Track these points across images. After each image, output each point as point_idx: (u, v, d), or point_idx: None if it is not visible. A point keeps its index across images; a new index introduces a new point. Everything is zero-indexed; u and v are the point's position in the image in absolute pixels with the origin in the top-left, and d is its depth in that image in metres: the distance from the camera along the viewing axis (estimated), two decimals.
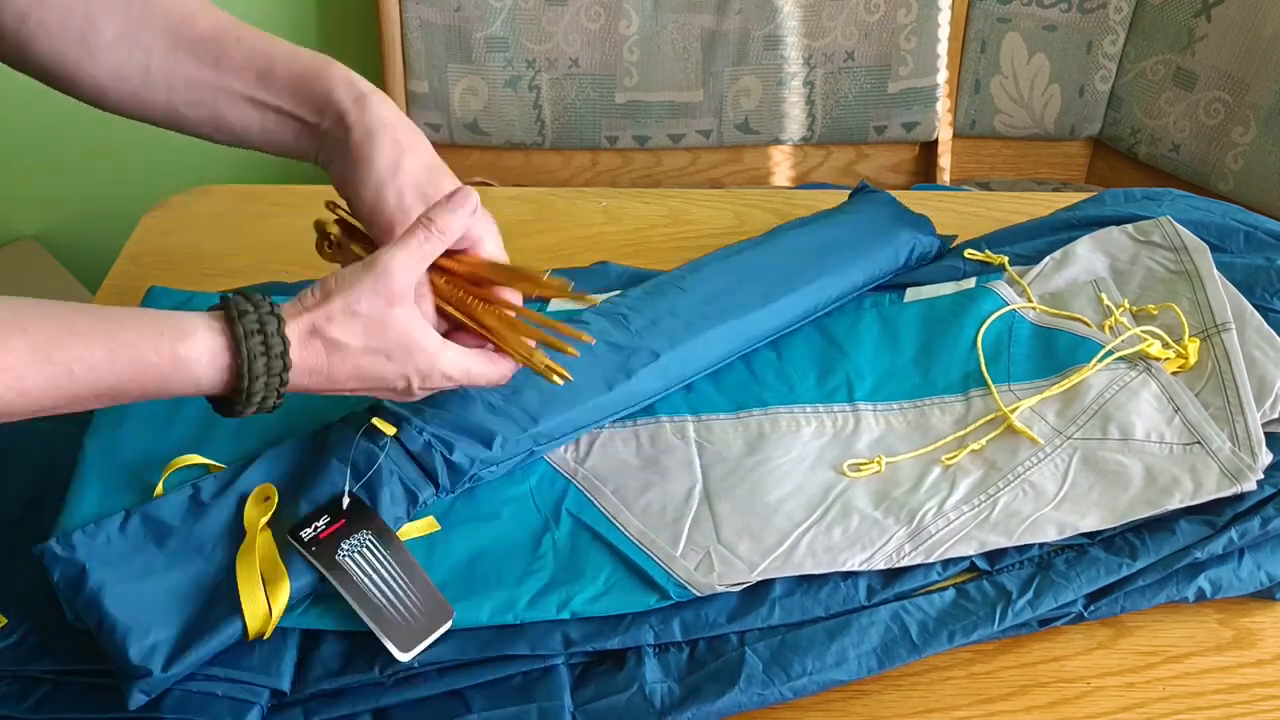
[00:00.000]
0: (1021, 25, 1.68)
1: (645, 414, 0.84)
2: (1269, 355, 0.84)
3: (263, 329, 0.63)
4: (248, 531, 0.69)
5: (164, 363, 0.61)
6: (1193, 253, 0.93)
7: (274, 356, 0.63)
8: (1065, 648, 0.73)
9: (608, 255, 1.02)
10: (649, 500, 0.78)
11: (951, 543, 0.74)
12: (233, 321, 0.63)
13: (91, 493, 0.73)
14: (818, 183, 1.75)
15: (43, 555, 0.67)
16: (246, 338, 0.62)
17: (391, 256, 0.66)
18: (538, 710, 0.66)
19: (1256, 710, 0.70)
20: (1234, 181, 1.62)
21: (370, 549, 0.70)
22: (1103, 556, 0.74)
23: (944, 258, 1.00)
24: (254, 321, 0.63)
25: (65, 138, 1.73)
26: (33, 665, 0.67)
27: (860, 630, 0.70)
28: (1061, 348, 0.88)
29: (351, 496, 0.71)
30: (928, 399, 0.85)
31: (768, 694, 0.68)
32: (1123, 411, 0.82)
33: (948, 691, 0.70)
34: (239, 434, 0.78)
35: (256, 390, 0.64)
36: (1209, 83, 1.61)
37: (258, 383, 0.63)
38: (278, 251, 1.06)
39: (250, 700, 0.65)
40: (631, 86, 1.62)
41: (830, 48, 1.63)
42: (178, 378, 0.62)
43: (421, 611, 0.68)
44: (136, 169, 1.79)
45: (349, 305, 0.65)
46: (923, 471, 0.79)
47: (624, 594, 0.71)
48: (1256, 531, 0.75)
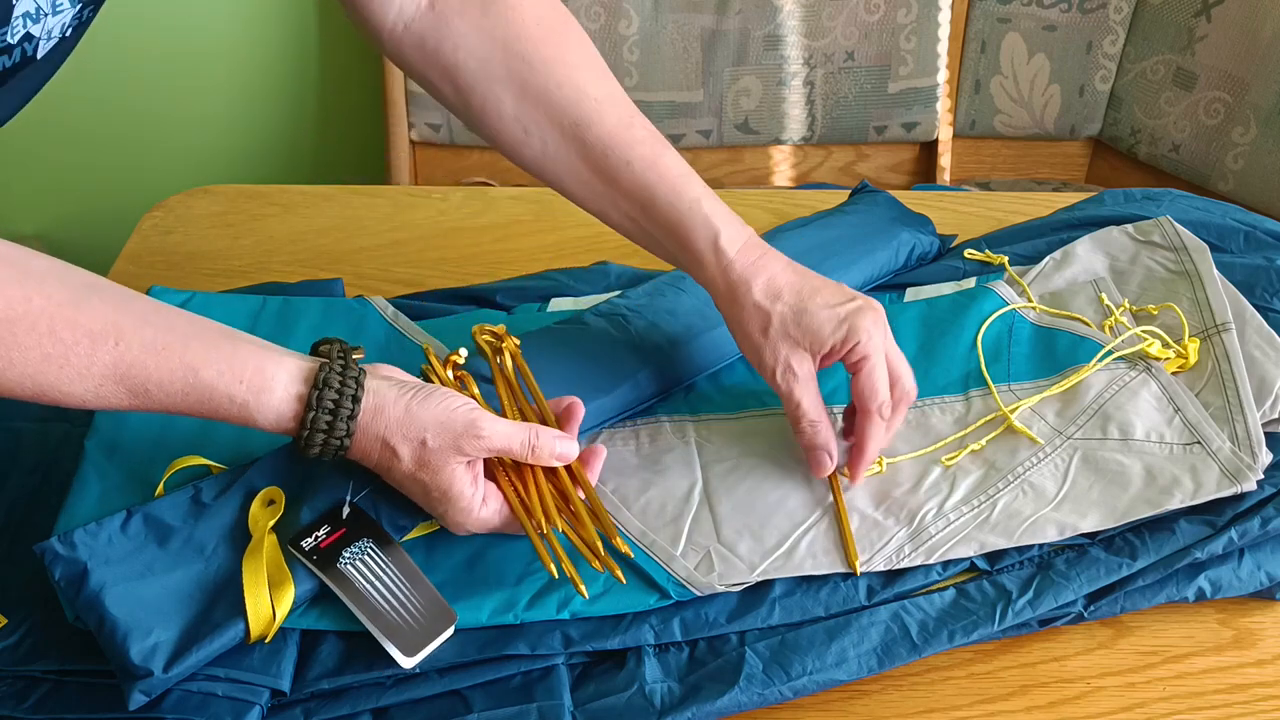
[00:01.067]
0: (1021, 25, 1.68)
1: (645, 414, 0.84)
2: (1269, 355, 0.84)
3: (335, 410, 0.66)
4: (254, 534, 0.69)
5: (234, 411, 0.65)
6: (1193, 253, 0.93)
7: (334, 436, 0.66)
8: (1065, 648, 0.73)
9: (608, 255, 1.02)
10: (649, 499, 0.78)
11: (951, 543, 0.74)
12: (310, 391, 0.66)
13: (91, 493, 0.73)
14: (818, 183, 1.75)
15: (44, 554, 0.67)
16: (315, 411, 0.65)
17: (493, 427, 0.68)
18: (538, 710, 0.66)
19: (1256, 710, 0.70)
20: (1234, 181, 1.62)
21: (372, 556, 0.70)
22: (1103, 556, 0.74)
23: (944, 258, 1.00)
24: (331, 398, 0.66)
25: (65, 138, 1.73)
26: (33, 665, 0.67)
27: (860, 630, 0.70)
28: (1061, 348, 0.88)
29: (352, 506, 0.71)
30: (928, 399, 0.85)
31: (768, 694, 0.68)
32: (1123, 411, 0.82)
33: (948, 691, 0.70)
34: (240, 435, 0.78)
35: (310, 456, 0.67)
36: (1209, 83, 1.61)
37: (312, 450, 0.67)
38: (278, 251, 1.06)
39: (250, 700, 0.65)
40: (631, 86, 1.61)
41: (830, 48, 1.63)
42: (241, 423, 0.66)
43: (424, 617, 0.68)
44: (136, 169, 1.79)
45: (425, 430, 0.67)
46: (923, 472, 0.79)
47: (624, 594, 0.71)
48: (1256, 531, 0.75)
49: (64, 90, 1.66)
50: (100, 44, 1.63)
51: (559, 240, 1.08)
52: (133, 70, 1.69)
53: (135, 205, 1.18)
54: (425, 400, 0.68)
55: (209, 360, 0.64)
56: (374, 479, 0.72)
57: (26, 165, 1.76)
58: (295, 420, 0.66)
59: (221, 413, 0.65)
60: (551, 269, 1.01)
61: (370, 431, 0.67)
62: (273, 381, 0.65)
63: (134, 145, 1.76)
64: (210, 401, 0.64)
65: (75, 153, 1.76)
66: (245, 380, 0.64)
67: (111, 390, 0.62)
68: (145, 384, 0.62)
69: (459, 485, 0.68)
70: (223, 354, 0.64)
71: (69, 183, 1.80)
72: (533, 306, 0.95)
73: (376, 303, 0.94)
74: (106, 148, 1.76)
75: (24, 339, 0.59)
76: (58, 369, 0.60)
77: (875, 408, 0.75)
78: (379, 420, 0.67)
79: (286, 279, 0.99)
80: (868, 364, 0.75)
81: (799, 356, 0.76)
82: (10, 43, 0.63)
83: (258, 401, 0.65)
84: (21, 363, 0.59)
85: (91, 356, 0.61)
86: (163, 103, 1.74)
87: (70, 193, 1.81)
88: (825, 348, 0.75)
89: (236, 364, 0.64)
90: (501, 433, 0.68)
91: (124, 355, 0.61)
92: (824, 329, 0.75)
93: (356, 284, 1.00)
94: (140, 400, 0.63)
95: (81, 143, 1.75)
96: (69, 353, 0.60)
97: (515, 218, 1.11)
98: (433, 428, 0.67)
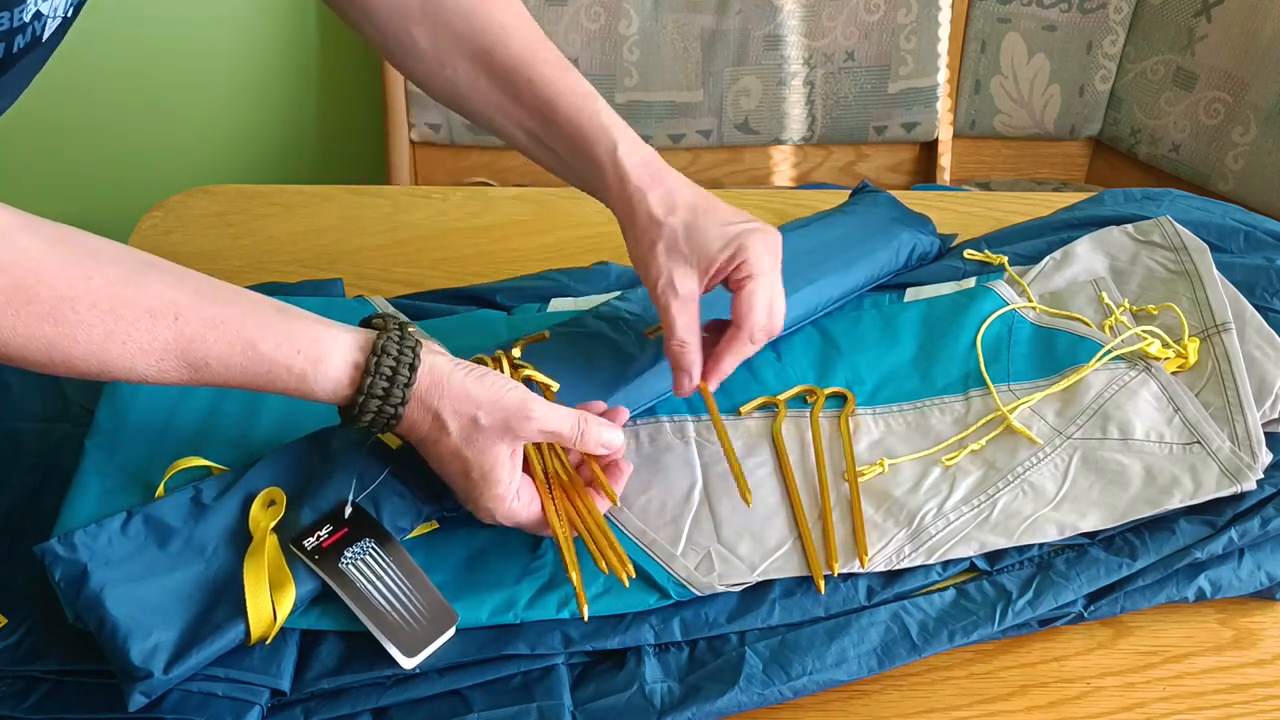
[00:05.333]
0: (1021, 25, 1.68)
1: (645, 414, 0.84)
2: (1269, 355, 0.84)
3: (392, 377, 0.67)
4: (255, 535, 0.69)
5: (291, 381, 0.66)
6: (1193, 253, 0.93)
7: (389, 404, 0.67)
8: (1065, 648, 0.73)
9: (608, 255, 1.02)
10: (649, 498, 0.78)
11: (951, 544, 0.74)
12: (369, 358, 0.66)
13: (91, 493, 0.73)
14: (818, 183, 1.75)
15: (44, 554, 0.67)
16: (373, 376, 0.66)
17: (545, 410, 0.69)
18: (538, 710, 0.66)
19: (1256, 710, 0.70)
20: (1234, 181, 1.62)
21: (373, 556, 0.70)
22: (1103, 556, 0.74)
23: (944, 258, 1.00)
24: (389, 364, 0.66)
25: (65, 138, 1.73)
26: (33, 665, 0.67)
27: (860, 630, 0.70)
28: (1061, 347, 0.88)
29: (355, 507, 0.71)
30: (928, 399, 0.85)
31: (768, 694, 0.68)
32: (1122, 411, 0.82)
33: (948, 691, 0.70)
34: (240, 436, 0.79)
35: (364, 422, 0.67)
36: (1209, 83, 1.61)
37: (365, 417, 0.67)
38: (278, 251, 1.06)
39: (250, 700, 0.65)
40: (631, 86, 1.61)
41: (830, 48, 1.63)
42: (299, 393, 0.66)
43: (426, 617, 0.68)
44: (136, 169, 1.79)
45: (479, 406, 0.68)
46: (922, 472, 0.79)
47: (624, 593, 0.71)
48: (1256, 531, 0.75)
49: (64, 90, 1.66)
50: (101, 44, 1.64)
51: (559, 240, 1.08)
52: (133, 70, 1.69)
53: (135, 205, 1.18)
54: (480, 379, 0.68)
55: (266, 334, 0.65)
56: (378, 475, 0.72)
57: (26, 165, 1.76)
58: (352, 387, 0.66)
59: (279, 384, 0.66)
60: (551, 269, 1.01)
61: (424, 402, 0.68)
62: (330, 352, 0.66)
63: (134, 145, 1.76)
64: (269, 374, 0.65)
65: (75, 153, 1.76)
66: (303, 350, 0.65)
67: (173, 365, 0.63)
68: (205, 358, 0.63)
69: (500, 469, 0.69)
70: (279, 327, 0.65)
71: (69, 183, 1.80)
72: (532, 307, 0.95)
73: (377, 303, 0.94)
74: (106, 147, 1.76)
75: (87, 316, 0.60)
76: (120, 345, 0.61)
77: (748, 329, 0.75)
78: (434, 392, 0.67)
79: (286, 279, 0.99)
80: (751, 283, 0.74)
81: (683, 273, 0.75)
82: (25, 21, 0.63)
83: (315, 371, 0.66)
84: (86, 340, 0.60)
85: (152, 333, 0.62)
86: (163, 102, 1.74)
87: (70, 193, 1.80)
88: (713, 265, 0.75)
89: (294, 336, 0.65)
90: (553, 416, 0.69)
91: (184, 331, 0.62)
92: (713, 245, 0.74)
93: (356, 284, 1.00)
94: (199, 374, 0.64)
95: (81, 142, 1.75)
96: (130, 329, 0.61)
97: (515, 218, 1.11)
98: (486, 405, 0.68)
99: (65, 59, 0.75)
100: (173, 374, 0.64)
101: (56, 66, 0.75)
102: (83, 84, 1.66)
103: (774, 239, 0.76)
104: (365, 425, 0.68)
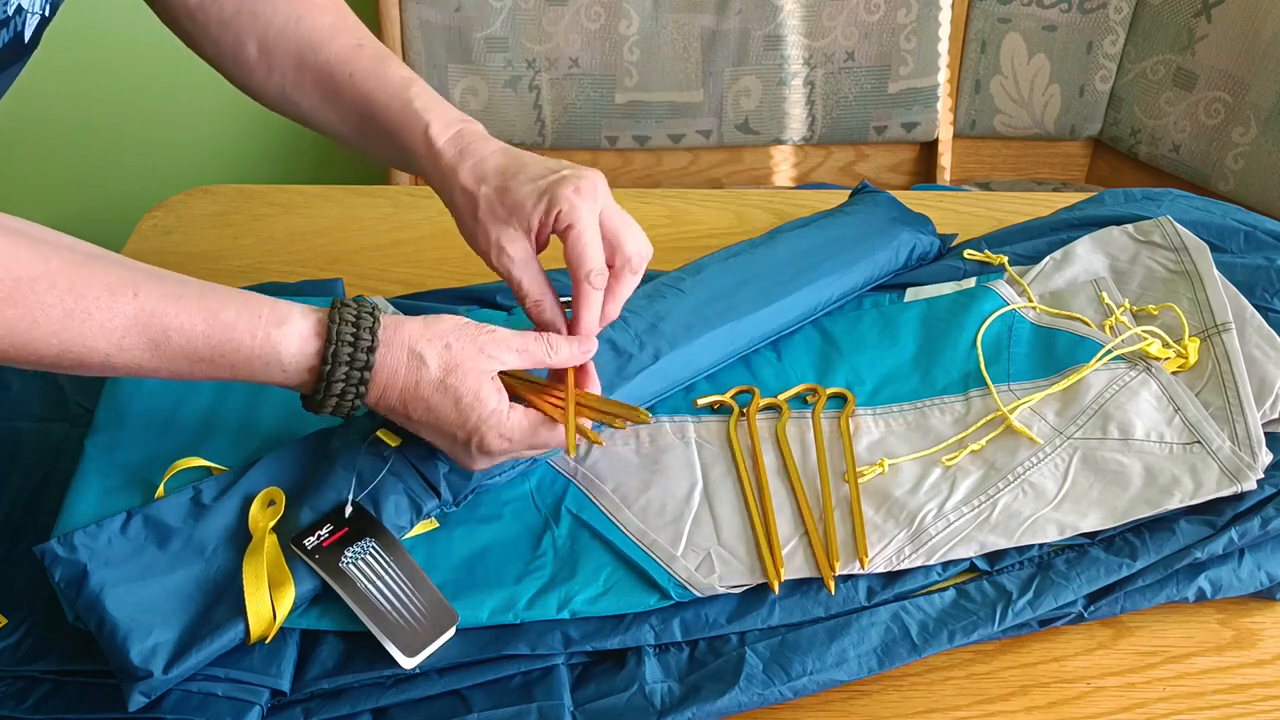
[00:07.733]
0: (1021, 25, 1.68)
1: None
2: (1269, 355, 0.84)
3: (357, 323, 0.67)
4: (254, 535, 0.69)
5: (256, 344, 0.65)
6: (1193, 253, 0.93)
7: (360, 350, 0.67)
8: (1065, 648, 0.73)
9: None
10: (649, 499, 0.78)
11: (952, 544, 0.74)
12: (330, 311, 0.67)
13: (91, 493, 0.73)
14: (818, 183, 1.75)
15: (44, 555, 0.67)
16: (338, 324, 0.66)
17: (505, 330, 0.70)
18: (538, 710, 0.66)
19: (1256, 710, 0.70)
20: (1234, 181, 1.62)
21: (374, 556, 0.70)
22: (1103, 556, 0.74)
23: (944, 258, 1.00)
24: (351, 313, 0.67)
25: (65, 138, 1.73)
26: (33, 665, 0.67)
27: (860, 630, 0.70)
28: (1061, 347, 0.88)
29: (355, 506, 0.71)
30: (928, 400, 0.85)
31: (768, 694, 0.68)
32: (1122, 411, 0.82)
33: (948, 691, 0.70)
34: (240, 436, 0.79)
35: (337, 378, 0.67)
36: (1209, 83, 1.61)
37: (339, 369, 0.67)
38: (278, 251, 1.06)
39: (250, 700, 0.65)
40: (631, 86, 1.62)
41: (830, 48, 1.63)
42: (265, 358, 0.66)
43: (426, 617, 0.68)
44: (136, 169, 1.79)
45: (445, 335, 0.69)
46: (922, 473, 0.79)
47: (624, 594, 0.71)
48: (1256, 531, 0.75)
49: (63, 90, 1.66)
50: (101, 44, 1.64)
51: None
52: (133, 70, 1.69)
53: (135, 205, 1.18)
54: (436, 319, 0.70)
55: (226, 304, 0.65)
56: (378, 474, 0.72)
57: (26, 165, 1.76)
58: (320, 338, 0.67)
59: (244, 350, 0.65)
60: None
61: (394, 342, 0.68)
62: (291, 313, 0.67)
63: (134, 145, 1.76)
64: (231, 341, 0.65)
65: (75, 153, 1.76)
66: (264, 315, 0.66)
67: (134, 341, 0.63)
68: (166, 330, 0.63)
69: (487, 388, 0.69)
70: (238, 298, 0.66)
71: (69, 183, 1.80)
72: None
73: (377, 302, 0.94)
74: (107, 148, 1.75)
75: (46, 297, 0.60)
76: (80, 324, 0.61)
77: (584, 275, 0.74)
78: (401, 332, 0.68)
79: (286, 279, 0.99)
80: (573, 232, 0.73)
81: (510, 236, 0.75)
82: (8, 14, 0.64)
83: (280, 331, 0.66)
84: (45, 321, 0.60)
85: (112, 308, 0.62)
86: (163, 103, 1.74)
87: (70, 193, 1.80)
88: (532, 223, 0.74)
89: (254, 304, 0.66)
90: (513, 331, 0.71)
91: (144, 304, 0.63)
92: (526, 203, 0.74)
93: (356, 284, 1.00)
94: (160, 351, 0.64)
95: (82, 142, 1.75)
96: (91, 307, 0.61)
97: None
98: (452, 333, 0.69)
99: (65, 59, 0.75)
100: (134, 351, 0.63)
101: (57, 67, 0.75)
102: (83, 84, 1.66)
103: (586, 181, 0.74)
104: (339, 384, 0.67)
